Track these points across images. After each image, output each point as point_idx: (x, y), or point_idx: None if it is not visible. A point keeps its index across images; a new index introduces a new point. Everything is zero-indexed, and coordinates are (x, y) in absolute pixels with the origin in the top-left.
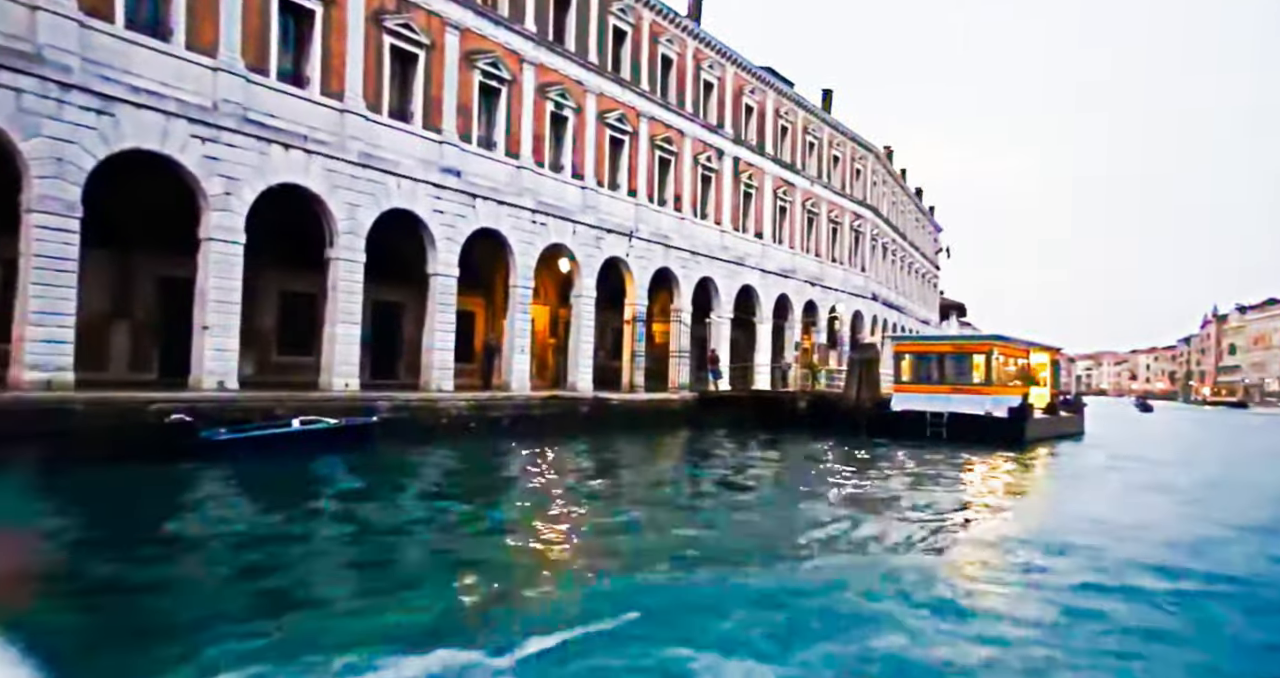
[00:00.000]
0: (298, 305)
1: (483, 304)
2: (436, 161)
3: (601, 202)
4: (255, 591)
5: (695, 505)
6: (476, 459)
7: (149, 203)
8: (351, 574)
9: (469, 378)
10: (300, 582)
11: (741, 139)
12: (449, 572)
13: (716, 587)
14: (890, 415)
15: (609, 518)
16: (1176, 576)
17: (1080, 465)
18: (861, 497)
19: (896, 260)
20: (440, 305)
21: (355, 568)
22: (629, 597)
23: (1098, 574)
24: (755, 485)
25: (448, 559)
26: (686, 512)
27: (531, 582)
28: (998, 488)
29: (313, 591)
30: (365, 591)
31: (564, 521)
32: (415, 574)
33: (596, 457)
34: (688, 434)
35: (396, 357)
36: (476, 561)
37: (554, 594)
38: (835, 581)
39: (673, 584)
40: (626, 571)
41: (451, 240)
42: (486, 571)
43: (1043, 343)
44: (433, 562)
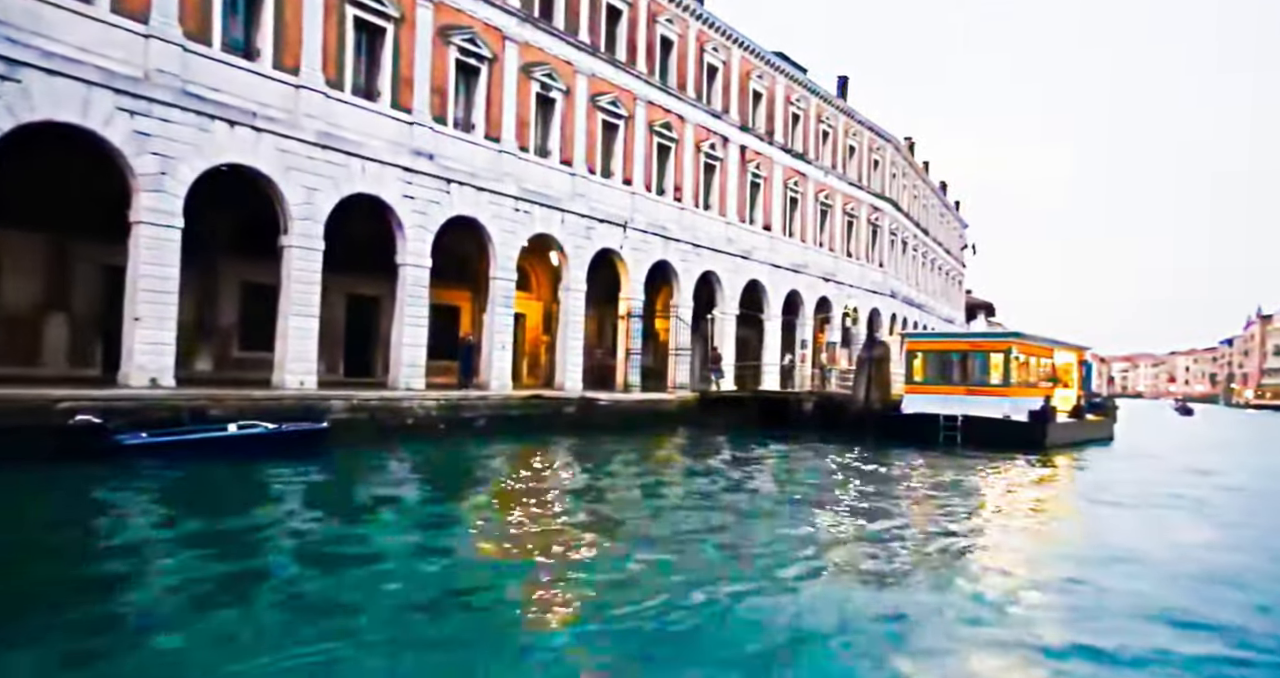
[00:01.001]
0: (261, 298)
1: (469, 298)
2: (406, 144)
3: (593, 190)
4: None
5: (652, 534)
6: (430, 465)
7: (94, 184)
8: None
9: (452, 377)
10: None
11: (748, 126)
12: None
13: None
14: (901, 418)
15: (539, 550)
16: (1207, 635)
17: (1103, 476)
18: (846, 523)
19: (918, 256)
20: (411, 298)
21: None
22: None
23: (1097, 632)
24: (734, 505)
25: (297, 601)
26: (644, 541)
27: (361, 644)
28: (1009, 505)
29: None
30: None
31: (465, 550)
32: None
33: (567, 463)
34: (682, 438)
35: (372, 354)
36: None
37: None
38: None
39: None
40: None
41: (423, 228)
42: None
43: (1069, 341)
44: (283, 601)
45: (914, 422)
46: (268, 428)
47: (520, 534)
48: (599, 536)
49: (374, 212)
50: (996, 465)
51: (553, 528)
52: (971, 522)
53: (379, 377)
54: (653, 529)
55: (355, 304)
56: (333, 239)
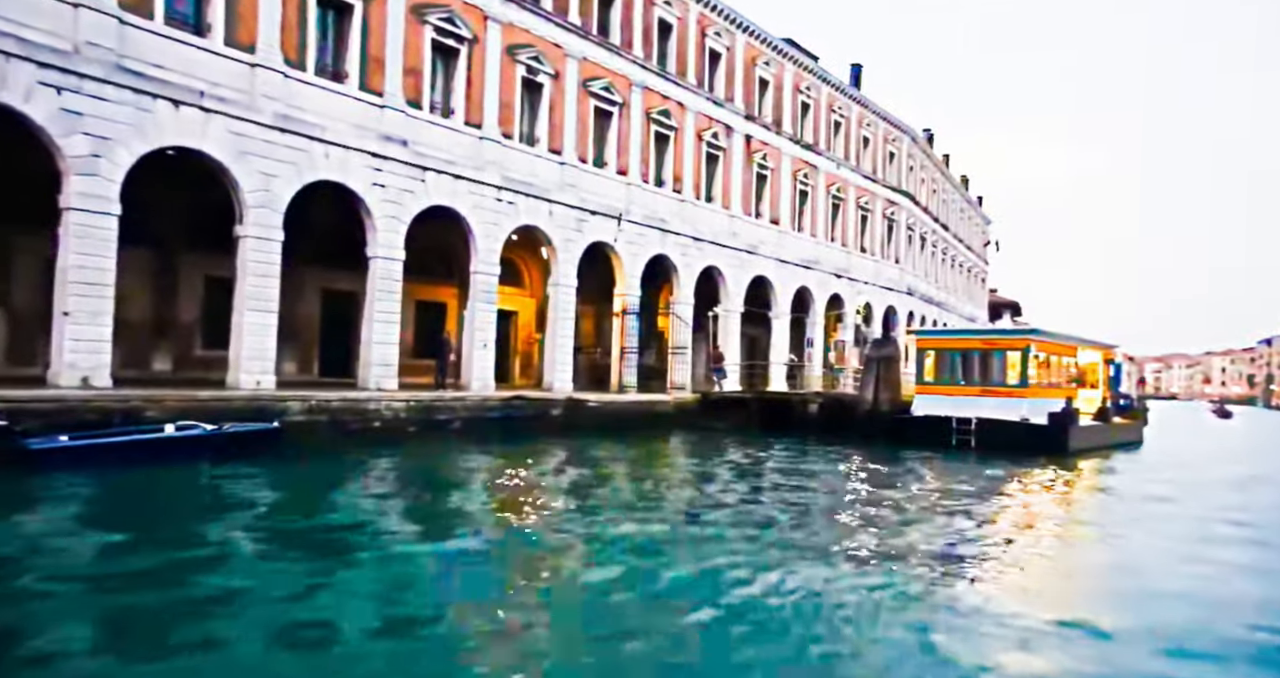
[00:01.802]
0: (227, 293)
1: (456, 294)
2: (376, 129)
3: (584, 180)
4: None
5: (621, 561)
6: (385, 472)
7: (30, 167)
8: None
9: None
10: None
11: (754, 115)
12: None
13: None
14: (911, 421)
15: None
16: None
17: (1132, 489)
18: (835, 546)
19: (937, 253)
20: (382, 293)
21: None
22: None
23: None
24: (709, 526)
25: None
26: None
27: None
28: (1020, 527)
29: None
30: None
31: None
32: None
33: (539, 473)
34: (676, 443)
35: (349, 353)
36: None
37: None
38: None
39: None
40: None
41: (395, 219)
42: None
43: (1094, 339)
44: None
45: (925, 425)
46: (206, 429)
47: (437, 578)
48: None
49: (350, 202)
50: (1010, 474)
51: (493, 570)
52: (976, 560)
53: (359, 376)
54: (629, 565)
55: (331, 300)
56: (306, 231)
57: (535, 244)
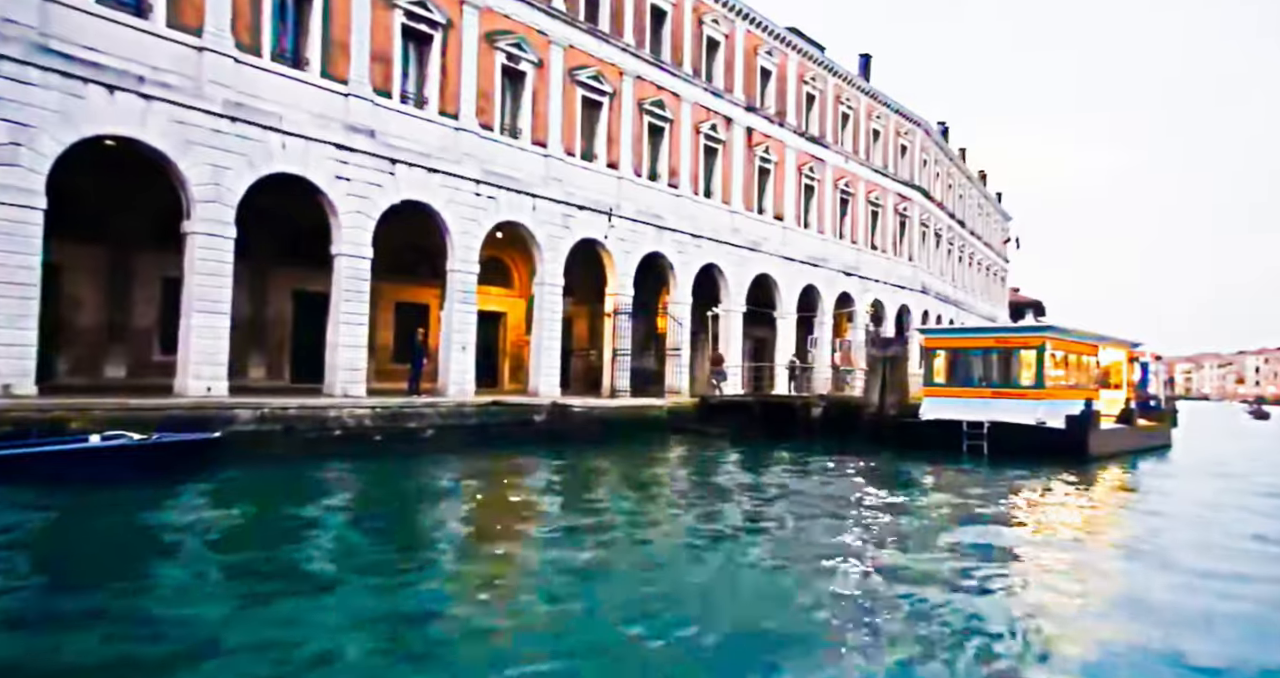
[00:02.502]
0: None
1: (439, 295)
2: (340, 118)
3: (571, 173)
4: None
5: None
6: (333, 486)
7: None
8: None
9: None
10: None
11: (756, 106)
12: None
13: None
14: (919, 425)
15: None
16: None
17: (1158, 502)
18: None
19: (954, 250)
20: (348, 293)
21: None
22: None
23: None
24: (678, 557)
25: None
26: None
27: None
28: (1030, 555)
29: None
30: None
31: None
32: None
33: (499, 482)
34: (668, 450)
35: (323, 357)
36: None
37: None
38: None
39: None
40: None
41: (362, 214)
42: None
43: (1116, 337)
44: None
45: (934, 429)
46: (133, 440)
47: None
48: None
49: (315, 196)
50: (1023, 486)
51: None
52: (979, 595)
53: (325, 382)
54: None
55: (304, 301)
56: (274, 228)
57: (524, 242)
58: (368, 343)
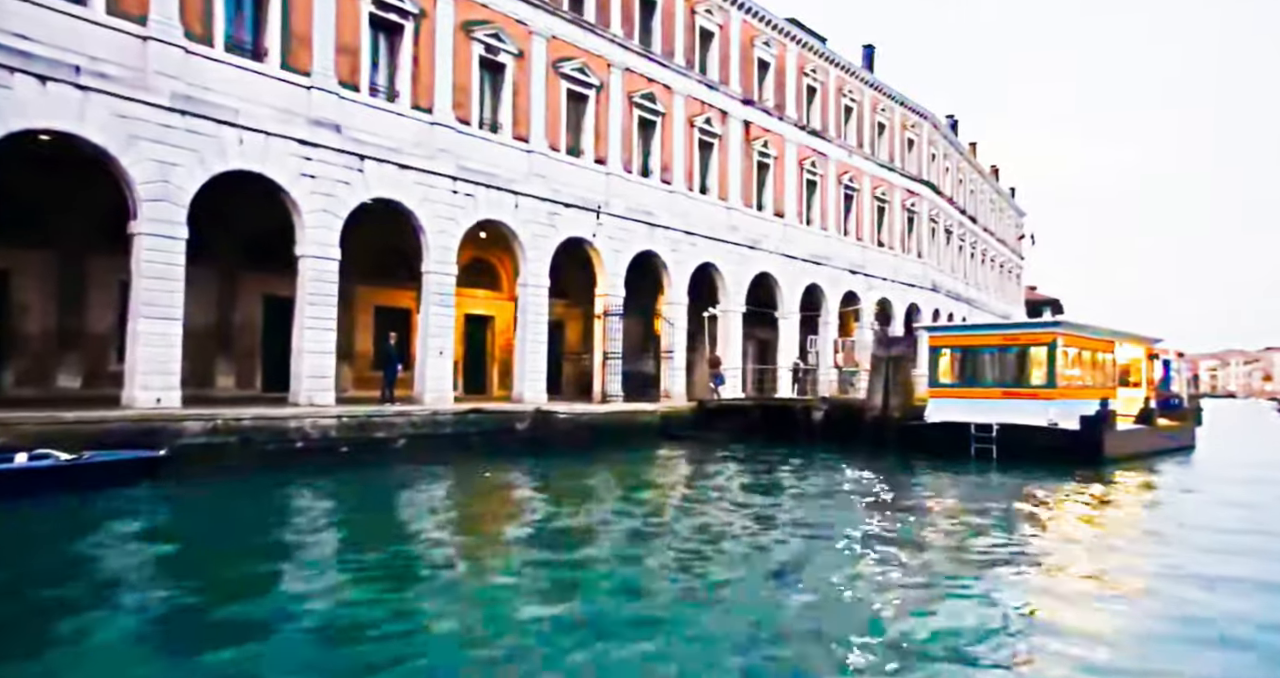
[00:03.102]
0: None
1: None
2: (303, 112)
3: (556, 169)
4: None
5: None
6: (270, 507)
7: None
8: None
9: (404, 390)
10: None
11: (753, 99)
12: None
13: None
14: (924, 428)
15: None
16: None
17: (1180, 511)
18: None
19: (965, 246)
20: (314, 296)
21: None
22: None
23: None
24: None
25: None
26: None
27: None
28: (1040, 586)
29: None
30: None
31: None
32: None
33: (467, 497)
34: (659, 458)
35: None
36: None
37: None
38: None
39: None
40: None
41: (329, 213)
42: None
43: (1133, 332)
44: None
45: (940, 432)
46: (61, 459)
47: None
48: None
49: (276, 195)
50: (1032, 493)
51: None
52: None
53: (290, 390)
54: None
55: (275, 306)
56: (242, 230)
57: (511, 243)
58: (346, 349)
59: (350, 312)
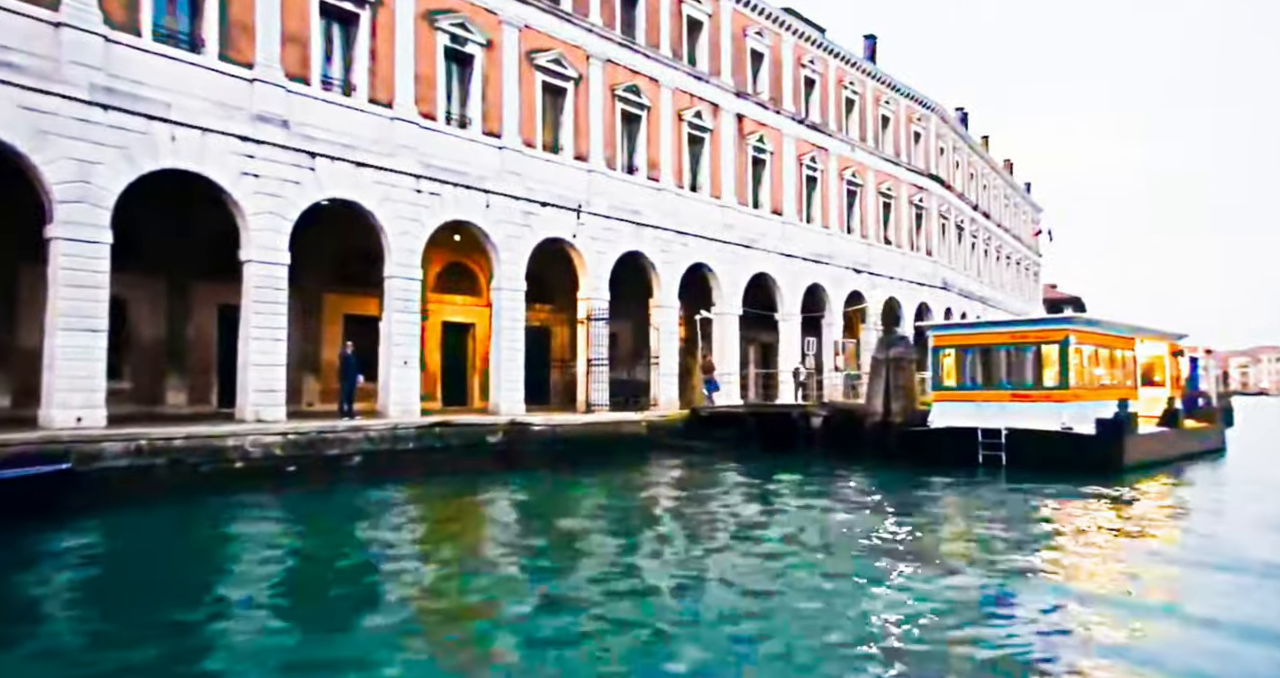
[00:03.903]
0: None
1: None
2: (246, 107)
3: (532, 167)
4: None
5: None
6: (192, 533)
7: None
8: None
9: (374, 403)
10: None
11: (746, 92)
12: None
13: None
14: (928, 435)
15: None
16: None
17: (1209, 524)
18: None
19: (978, 243)
20: (261, 305)
21: None
22: None
23: None
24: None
25: None
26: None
27: None
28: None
29: None
30: None
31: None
32: None
33: (410, 522)
34: (642, 472)
35: None
36: None
37: None
38: None
39: None
40: None
41: (276, 215)
42: None
43: (1155, 328)
44: None
45: (945, 439)
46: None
47: None
48: None
49: (217, 195)
50: (1035, 511)
51: None
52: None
53: (236, 405)
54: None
55: (232, 318)
56: (196, 236)
57: (485, 244)
58: (313, 361)
59: (316, 321)
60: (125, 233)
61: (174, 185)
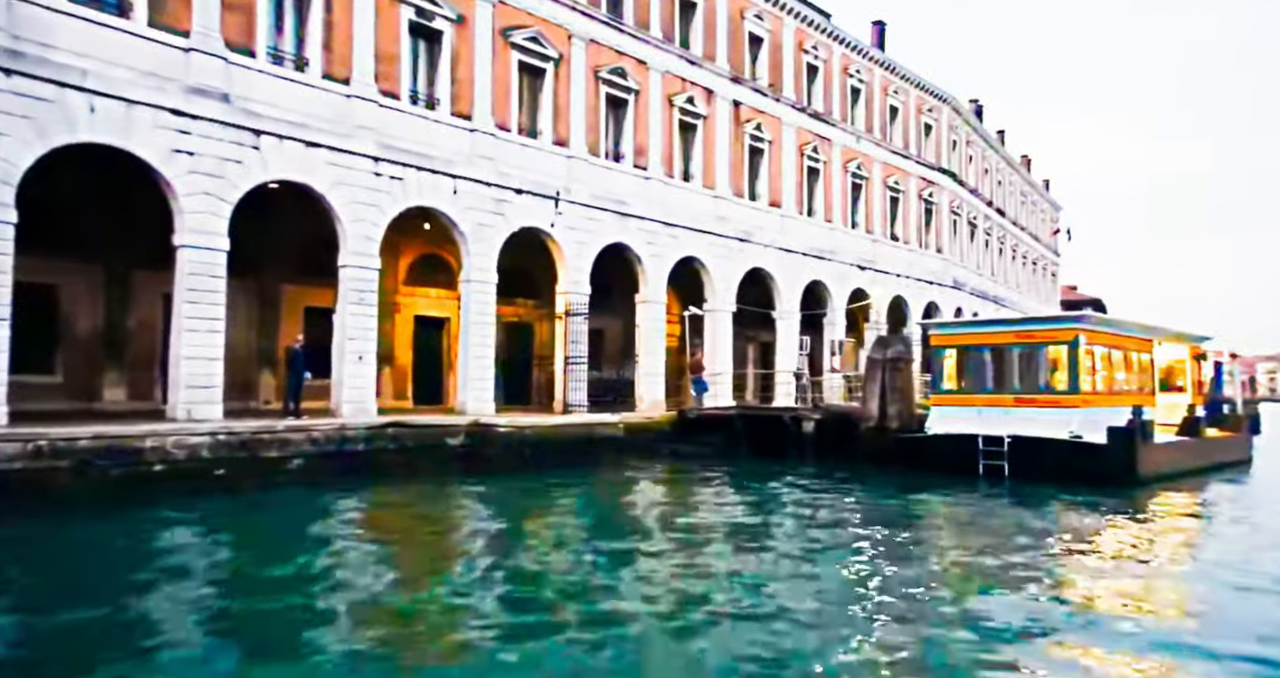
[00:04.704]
0: (37, 303)
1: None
2: (180, 78)
3: (506, 151)
4: None
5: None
6: (70, 551)
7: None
8: None
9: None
10: None
11: (743, 77)
12: None
13: None
14: (925, 441)
15: None
16: None
17: (1232, 552)
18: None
19: (992, 241)
20: (195, 293)
21: None
22: None
23: None
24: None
25: None
26: None
27: None
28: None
29: None
30: None
31: None
32: None
33: (334, 539)
34: (614, 478)
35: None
36: None
37: None
38: None
39: None
40: None
41: (212, 196)
42: None
43: (1175, 329)
44: None
45: (944, 446)
46: None
47: None
48: None
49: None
50: (1031, 533)
51: None
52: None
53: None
54: None
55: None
56: (139, 222)
57: (452, 232)
58: (269, 355)
59: (274, 313)
60: (55, 215)
61: (114, 166)
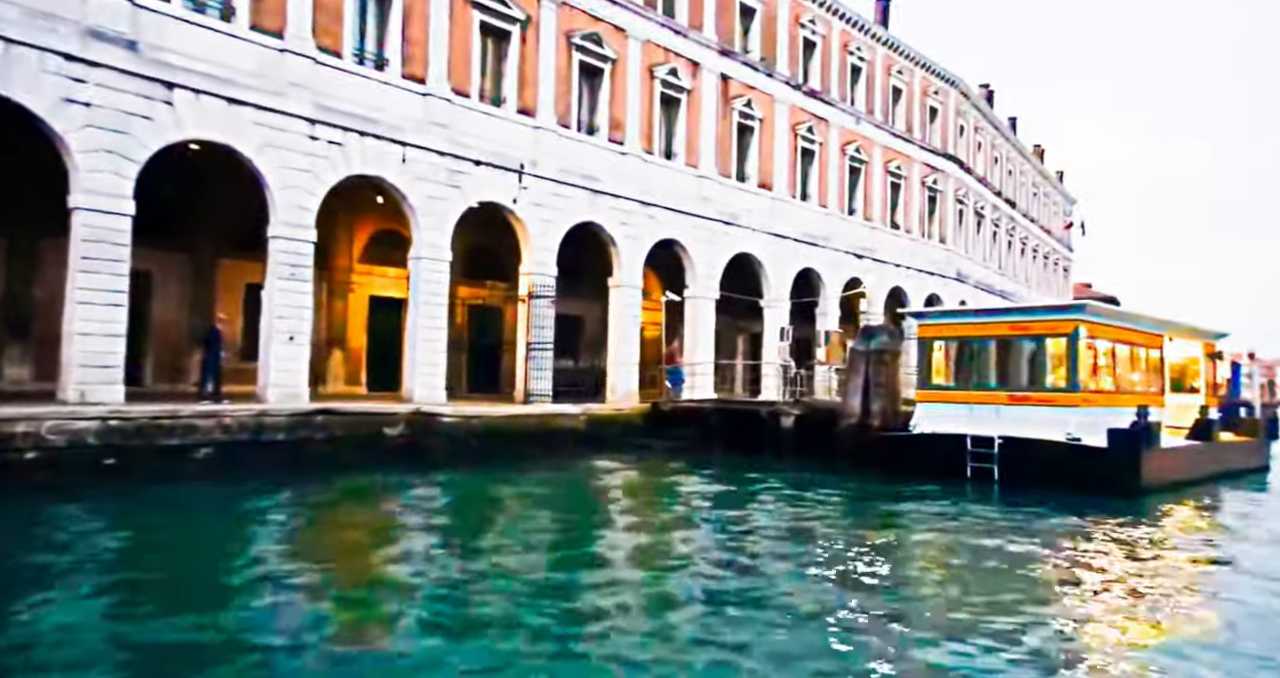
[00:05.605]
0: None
1: (316, 277)
2: (78, 20)
3: (463, 118)
4: None
5: None
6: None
7: None
8: None
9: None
10: None
11: (732, 50)
12: None
13: None
14: (910, 441)
15: None
16: None
17: (1248, 580)
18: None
19: (1000, 232)
20: (91, 262)
21: None
22: None
23: None
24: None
25: None
26: None
27: None
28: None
29: None
30: None
31: None
32: None
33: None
34: (569, 474)
35: (137, 353)
36: None
37: None
38: None
39: None
40: None
41: (115, 154)
42: None
43: (1187, 323)
44: None
45: (929, 446)
46: None
47: None
48: None
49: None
50: (1017, 548)
51: None
52: None
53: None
54: None
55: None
56: (43, 187)
57: (401, 205)
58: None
59: (208, 290)
60: None
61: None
